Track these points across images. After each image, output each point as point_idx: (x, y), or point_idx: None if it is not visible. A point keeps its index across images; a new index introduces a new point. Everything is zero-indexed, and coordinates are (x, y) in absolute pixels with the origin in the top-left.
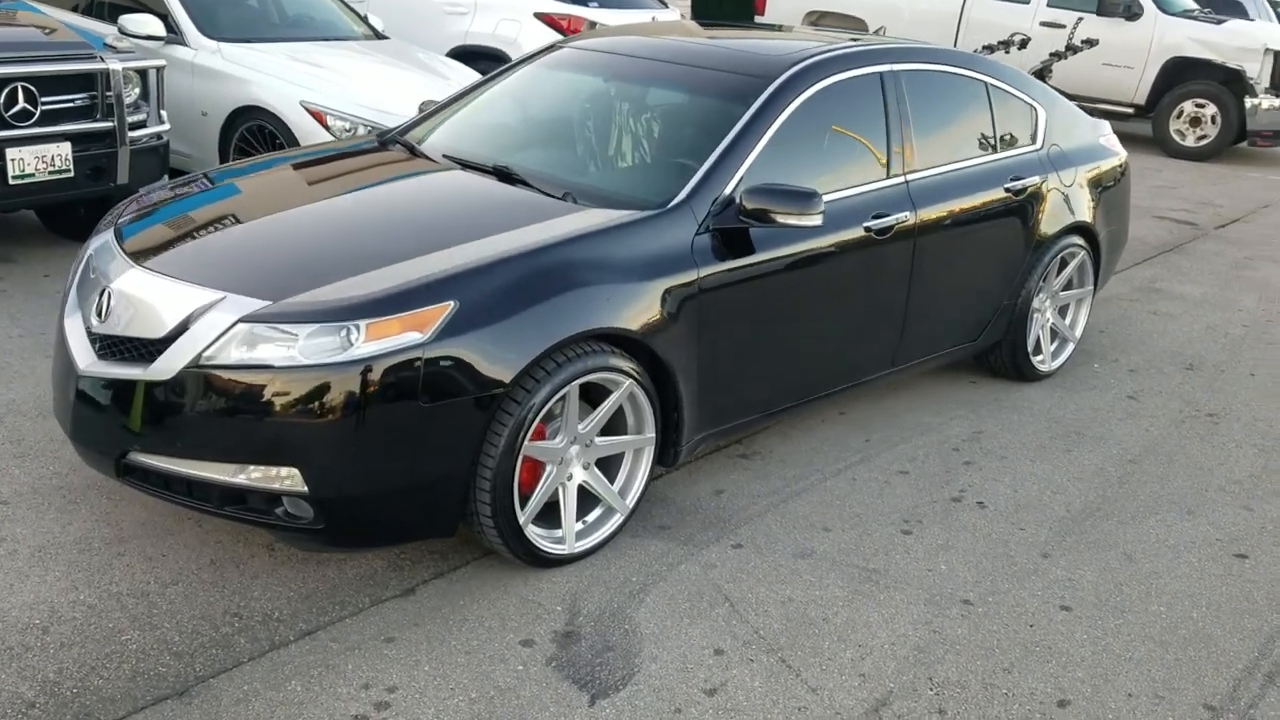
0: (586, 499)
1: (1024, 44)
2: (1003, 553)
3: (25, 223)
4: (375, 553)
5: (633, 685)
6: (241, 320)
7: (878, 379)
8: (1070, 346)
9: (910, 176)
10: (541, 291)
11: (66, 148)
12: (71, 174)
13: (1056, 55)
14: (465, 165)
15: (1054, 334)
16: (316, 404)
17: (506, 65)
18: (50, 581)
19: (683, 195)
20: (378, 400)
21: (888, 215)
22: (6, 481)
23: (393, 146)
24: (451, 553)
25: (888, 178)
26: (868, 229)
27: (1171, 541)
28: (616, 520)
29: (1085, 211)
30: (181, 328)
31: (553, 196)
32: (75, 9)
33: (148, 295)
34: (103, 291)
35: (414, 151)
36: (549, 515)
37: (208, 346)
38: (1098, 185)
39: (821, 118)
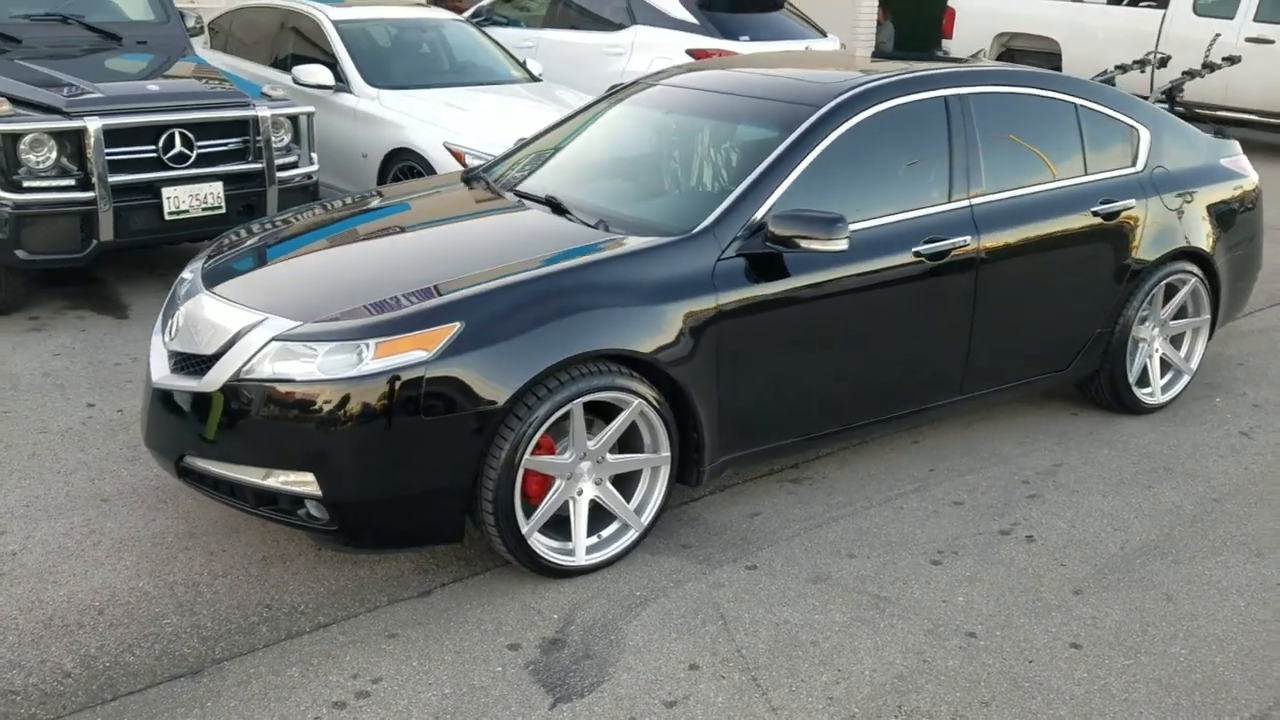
0: (604, 514)
1: (1164, 62)
2: (1031, 587)
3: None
4: (406, 556)
5: (597, 692)
6: (275, 338)
7: (946, 406)
8: (1185, 378)
9: (975, 200)
10: (546, 313)
11: (219, 187)
12: (223, 210)
13: (1190, 74)
14: (525, 197)
15: (1166, 365)
16: (330, 414)
17: (590, 102)
18: (120, 570)
19: (707, 222)
20: (384, 413)
21: (943, 239)
22: (113, 481)
23: (476, 184)
24: (476, 558)
25: (949, 202)
26: (918, 254)
27: (1224, 584)
28: (632, 536)
29: (1199, 236)
30: (229, 344)
31: (588, 225)
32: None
33: (209, 315)
34: (174, 312)
35: (489, 187)
36: (564, 527)
37: (246, 361)
38: (1216, 209)
39: (871, 143)
